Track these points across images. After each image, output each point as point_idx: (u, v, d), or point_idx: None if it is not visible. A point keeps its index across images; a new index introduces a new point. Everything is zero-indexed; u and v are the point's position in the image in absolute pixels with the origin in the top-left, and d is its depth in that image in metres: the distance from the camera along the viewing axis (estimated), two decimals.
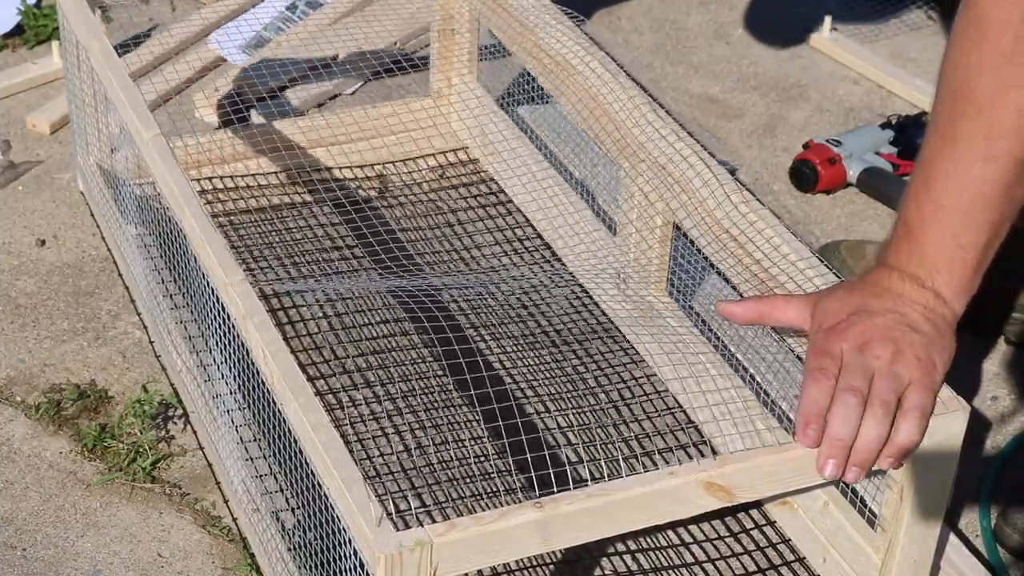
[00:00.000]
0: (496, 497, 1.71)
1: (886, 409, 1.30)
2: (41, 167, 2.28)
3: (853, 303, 1.37)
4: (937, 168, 1.36)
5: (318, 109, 2.41)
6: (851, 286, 1.40)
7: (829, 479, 1.32)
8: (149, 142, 1.72)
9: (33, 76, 2.47)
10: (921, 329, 1.35)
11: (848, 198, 2.29)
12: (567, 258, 2.04)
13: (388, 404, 1.83)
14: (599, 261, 1.96)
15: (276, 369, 1.42)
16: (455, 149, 2.27)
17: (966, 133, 1.35)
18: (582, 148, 2.21)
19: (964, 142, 1.35)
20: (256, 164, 2.18)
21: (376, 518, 1.25)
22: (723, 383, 1.74)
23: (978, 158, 1.34)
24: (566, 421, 1.83)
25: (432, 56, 2.24)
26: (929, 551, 1.50)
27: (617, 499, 1.30)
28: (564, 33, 1.95)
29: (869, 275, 1.40)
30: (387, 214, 2.16)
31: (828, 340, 1.34)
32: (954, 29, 1.36)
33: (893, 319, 1.35)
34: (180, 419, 1.83)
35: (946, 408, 1.40)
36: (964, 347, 1.98)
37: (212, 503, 1.73)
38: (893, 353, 1.32)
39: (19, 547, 1.67)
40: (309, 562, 1.57)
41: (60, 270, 2.07)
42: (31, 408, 1.84)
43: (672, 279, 1.87)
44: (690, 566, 1.66)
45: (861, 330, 1.34)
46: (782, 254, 1.59)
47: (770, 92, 2.55)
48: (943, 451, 1.41)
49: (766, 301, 1.43)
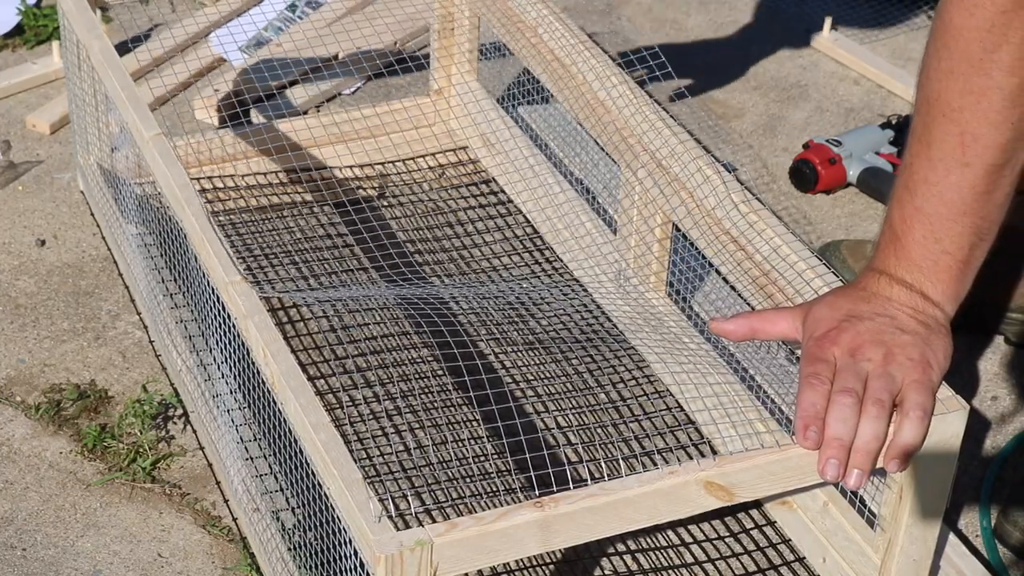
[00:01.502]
0: (496, 497, 1.71)
1: (880, 407, 1.31)
2: (41, 167, 2.28)
3: (843, 309, 1.38)
4: (917, 174, 1.38)
5: (318, 109, 2.42)
6: (840, 292, 1.42)
7: (831, 481, 1.32)
8: (150, 141, 1.72)
9: (33, 76, 2.47)
10: (912, 330, 1.36)
11: (848, 198, 2.29)
12: (567, 258, 2.04)
13: (388, 404, 1.83)
14: (599, 261, 1.96)
15: (276, 369, 1.42)
16: (455, 149, 2.27)
17: (940, 139, 1.36)
18: (582, 148, 2.21)
19: (939, 148, 1.36)
20: (256, 164, 2.18)
21: (376, 518, 1.25)
22: (723, 383, 1.74)
23: (955, 164, 1.36)
24: (566, 421, 1.83)
25: (432, 56, 2.24)
26: (929, 551, 1.50)
27: (617, 499, 1.30)
28: (564, 32, 1.95)
29: (858, 280, 1.42)
30: (387, 214, 2.16)
31: (820, 347, 1.35)
32: (929, 36, 1.38)
33: (883, 323, 1.36)
34: (180, 419, 1.83)
35: (946, 408, 1.40)
36: (964, 347, 1.99)
37: (212, 503, 1.73)
38: (884, 355, 1.33)
39: (19, 547, 1.67)
40: (309, 562, 1.57)
41: (60, 270, 2.07)
42: (31, 408, 1.84)
43: (672, 279, 1.87)
44: (690, 566, 1.66)
45: (852, 335, 1.35)
46: (782, 255, 1.59)
47: (770, 92, 2.55)
48: (943, 451, 1.41)
49: (757, 316, 1.44)
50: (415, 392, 1.85)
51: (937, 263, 1.37)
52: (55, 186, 2.23)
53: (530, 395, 1.86)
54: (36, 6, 2.63)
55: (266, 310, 1.49)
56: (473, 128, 2.23)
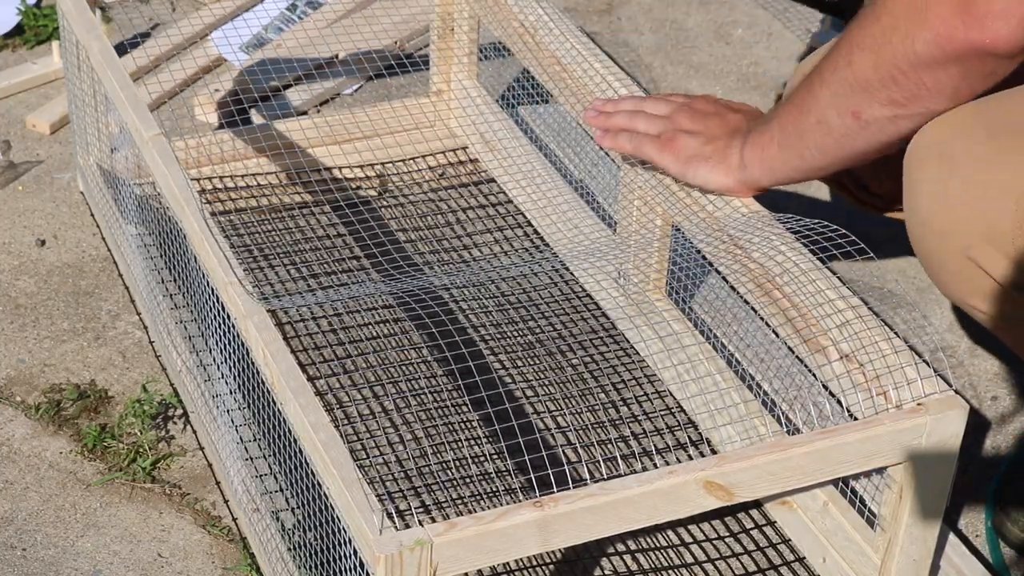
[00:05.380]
0: (496, 497, 1.71)
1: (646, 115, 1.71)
2: (41, 167, 2.28)
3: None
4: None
5: (318, 109, 2.42)
6: None
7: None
8: (149, 142, 1.72)
9: (33, 76, 2.47)
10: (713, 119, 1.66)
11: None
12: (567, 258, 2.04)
13: (388, 404, 1.83)
14: (599, 261, 1.96)
15: (276, 369, 1.42)
16: (455, 149, 2.27)
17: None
18: (582, 148, 2.21)
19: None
20: (256, 164, 2.18)
21: (376, 518, 1.25)
22: (723, 383, 1.74)
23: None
24: (565, 421, 1.83)
25: (432, 56, 2.24)
26: (929, 551, 1.50)
27: (617, 498, 1.30)
28: (564, 33, 1.95)
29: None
30: (387, 214, 2.16)
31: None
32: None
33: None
34: (180, 419, 1.84)
35: (946, 408, 1.40)
36: (963, 346, 1.99)
37: (212, 503, 1.73)
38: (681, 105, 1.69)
39: (19, 547, 1.67)
40: (309, 562, 1.57)
41: (60, 270, 2.07)
42: (31, 408, 1.84)
43: (672, 279, 1.87)
44: (690, 566, 1.66)
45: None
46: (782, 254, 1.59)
47: (770, 92, 2.55)
48: (942, 451, 1.41)
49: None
50: (415, 392, 1.85)
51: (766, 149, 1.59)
52: (55, 186, 2.23)
53: (530, 395, 1.86)
54: (36, 6, 2.63)
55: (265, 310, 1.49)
56: (473, 128, 2.23)
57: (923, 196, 1.44)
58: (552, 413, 1.84)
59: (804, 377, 1.68)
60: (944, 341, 2.01)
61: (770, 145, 1.57)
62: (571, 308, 2.00)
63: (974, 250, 1.40)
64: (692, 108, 1.68)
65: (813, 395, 1.62)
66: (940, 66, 1.38)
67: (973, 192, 1.40)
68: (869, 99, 1.45)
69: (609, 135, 1.72)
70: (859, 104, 1.46)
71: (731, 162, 1.61)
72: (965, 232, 1.40)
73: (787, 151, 1.55)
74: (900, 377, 1.44)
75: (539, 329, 1.96)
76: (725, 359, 1.80)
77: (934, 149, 1.43)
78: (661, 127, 1.68)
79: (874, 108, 1.45)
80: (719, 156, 1.63)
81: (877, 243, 2.16)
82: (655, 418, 1.84)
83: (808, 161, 1.55)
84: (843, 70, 1.46)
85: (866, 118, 1.46)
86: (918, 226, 1.46)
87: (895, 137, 1.48)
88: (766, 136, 1.57)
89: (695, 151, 1.64)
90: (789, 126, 1.54)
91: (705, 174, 1.64)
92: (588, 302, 2.00)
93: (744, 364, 1.82)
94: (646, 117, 1.70)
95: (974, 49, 1.35)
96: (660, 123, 1.69)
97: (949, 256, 1.43)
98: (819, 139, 1.51)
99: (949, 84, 1.40)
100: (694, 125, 1.66)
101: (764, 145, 1.58)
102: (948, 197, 1.41)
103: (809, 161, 1.55)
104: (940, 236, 1.43)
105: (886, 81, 1.42)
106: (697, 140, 1.64)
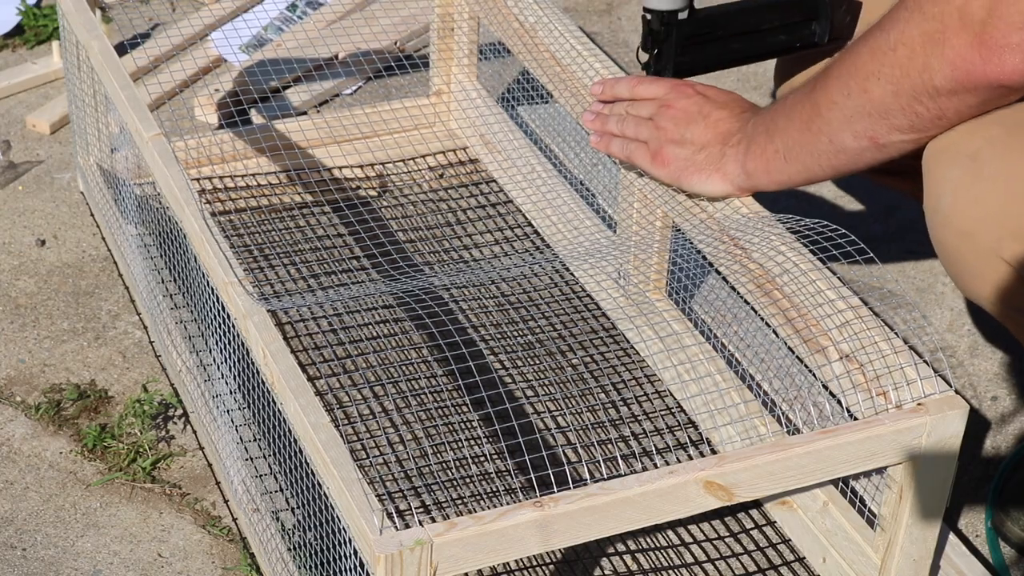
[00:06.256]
0: (496, 497, 1.71)
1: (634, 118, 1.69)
2: (41, 167, 2.28)
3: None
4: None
5: (318, 109, 2.42)
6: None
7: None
8: (149, 142, 1.72)
9: (33, 76, 2.47)
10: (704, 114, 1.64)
11: (849, 197, 2.29)
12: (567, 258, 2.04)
13: (388, 404, 1.83)
14: (599, 261, 1.96)
15: (276, 369, 1.42)
16: (455, 149, 2.27)
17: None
18: (582, 148, 2.21)
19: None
20: (256, 164, 2.18)
21: (376, 518, 1.25)
22: (723, 383, 1.74)
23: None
24: (565, 421, 1.83)
25: (432, 56, 2.24)
26: (929, 551, 1.50)
27: (617, 498, 1.30)
28: (564, 33, 1.95)
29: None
30: (387, 214, 2.16)
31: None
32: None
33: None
34: (180, 419, 1.84)
35: (946, 408, 1.40)
36: (963, 346, 1.99)
37: (212, 503, 1.73)
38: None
39: (19, 547, 1.67)
40: (309, 562, 1.57)
41: (60, 270, 2.07)
42: (31, 408, 1.84)
43: (671, 279, 1.87)
44: (690, 566, 1.66)
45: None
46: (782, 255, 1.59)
47: (770, 92, 2.55)
48: (942, 451, 1.41)
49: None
50: (415, 392, 1.85)
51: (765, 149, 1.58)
52: (55, 186, 2.23)
53: (530, 395, 1.86)
54: (36, 6, 2.63)
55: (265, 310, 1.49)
56: (473, 128, 2.23)
57: (946, 196, 1.42)
58: (552, 413, 1.84)
59: (804, 377, 1.68)
60: (944, 341, 2.01)
61: (775, 159, 1.55)
62: (571, 308, 2.00)
63: (1004, 248, 1.38)
64: (675, 109, 1.65)
65: (813, 395, 1.62)
66: (959, 96, 1.38)
67: (1000, 190, 1.38)
68: (888, 126, 1.44)
69: (603, 139, 1.72)
70: (877, 130, 1.45)
71: (728, 170, 1.60)
72: (994, 230, 1.38)
73: (795, 164, 1.54)
74: (900, 377, 1.44)
75: (539, 329, 1.96)
76: (725, 359, 1.80)
77: (954, 149, 1.42)
78: (647, 134, 1.66)
79: (893, 134, 1.44)
80: (713, 165, 1.61)
81: (877, 243, 2.16)
82: (655, 418, 1.84)
83: (817, 173, 1.54)
84: (858, 97, 1.44)
85: (884, 142, 1.46)
86: (941, 226, 1.43)
87: (912, 150, 1.47)
88: (770, 149, 1.56)
89: (686, 161, 1.63)
90: (796, 144, 1.53)
91: (701, 184, 1.63)
92: (588, 302, 2.00)
93: (744, 364, 1.82)
94: (634, 122, 1.68)
95: (992, 83, 1.35)
96: (647, 129, 1.66)
97: (976, 256, 1.41)
98: (831, 159, 1.51)
99: (968, 111, 1.40)
100: (680, 132, 1.63)
101: (769, 158, 1.56)
102: (973, 196, 1.40)
103: (818, 173, 1.54)
104: (966, 236, 1.40)
105: (906, 110, 1.42)
106: (686, 150, 1.63)
